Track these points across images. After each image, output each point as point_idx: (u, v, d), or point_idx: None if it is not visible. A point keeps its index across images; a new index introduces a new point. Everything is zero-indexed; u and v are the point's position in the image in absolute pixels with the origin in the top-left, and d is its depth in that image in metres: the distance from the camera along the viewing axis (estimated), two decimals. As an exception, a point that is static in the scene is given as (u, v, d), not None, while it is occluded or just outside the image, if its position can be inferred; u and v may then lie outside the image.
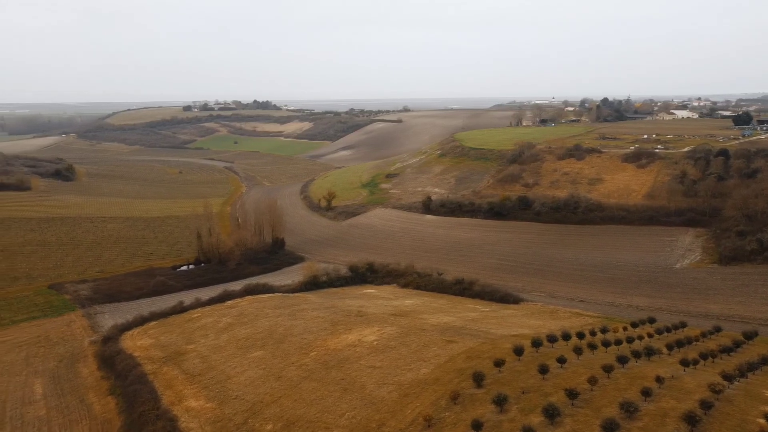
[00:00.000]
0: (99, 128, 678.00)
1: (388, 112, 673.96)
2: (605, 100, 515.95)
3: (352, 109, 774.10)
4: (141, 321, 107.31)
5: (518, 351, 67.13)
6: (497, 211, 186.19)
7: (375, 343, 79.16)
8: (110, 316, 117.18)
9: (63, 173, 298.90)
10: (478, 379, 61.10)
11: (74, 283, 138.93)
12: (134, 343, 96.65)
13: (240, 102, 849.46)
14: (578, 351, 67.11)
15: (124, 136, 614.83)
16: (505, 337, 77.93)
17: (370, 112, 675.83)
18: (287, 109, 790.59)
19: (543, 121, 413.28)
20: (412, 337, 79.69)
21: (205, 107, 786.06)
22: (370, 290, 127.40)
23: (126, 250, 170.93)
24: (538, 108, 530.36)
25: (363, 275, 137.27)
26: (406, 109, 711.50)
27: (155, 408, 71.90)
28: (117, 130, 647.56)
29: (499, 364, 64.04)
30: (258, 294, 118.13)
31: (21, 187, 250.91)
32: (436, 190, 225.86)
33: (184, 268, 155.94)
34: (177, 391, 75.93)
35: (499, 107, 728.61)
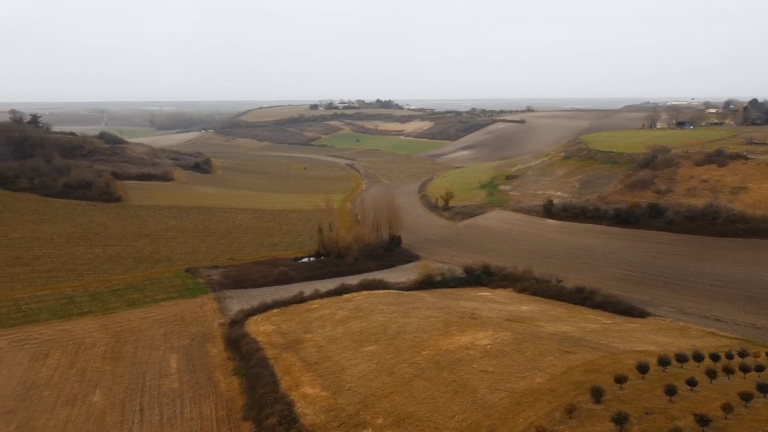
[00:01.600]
0: (234, 125, 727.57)
1: (510, 112, 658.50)
2: (754, 101, 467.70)
3: (473, 108, 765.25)
4: (264, 308, 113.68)
5: (642, 368, 63.06)
6: (624, 218, 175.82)
7: (488, 347, 78.01)
8: (237, 301, 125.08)
9: (201, 166, 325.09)
10: (597, 394, 58.20)
11: (207, 269, 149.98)
12: (258, 328, 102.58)
13: (363, 101, 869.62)
14: (711, 374, 61.71)
15: (256, 132, 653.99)
16: (628, 353, 73.58)
17: (492, 112, 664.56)
18: (408, 109, 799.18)
19: (680, 124, 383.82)
20: (527, 345, 77.61)
21: (330, 106, 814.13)
22: (484, 293, 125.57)
23: (254, 240, 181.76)
24: (674, 109, 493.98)
25: (478, 277, 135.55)
26: (529, 110, 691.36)
27: (274, 391, 76.01)
28: (249, 127, 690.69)
29: (620, 380, 60.61)
30: (373, 289, 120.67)
31: (165, 177, 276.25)
32: (559, 193, 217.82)
33: (305, 260, 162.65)
34: (294, 378, 79.58)
35: (631, 108, 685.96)
